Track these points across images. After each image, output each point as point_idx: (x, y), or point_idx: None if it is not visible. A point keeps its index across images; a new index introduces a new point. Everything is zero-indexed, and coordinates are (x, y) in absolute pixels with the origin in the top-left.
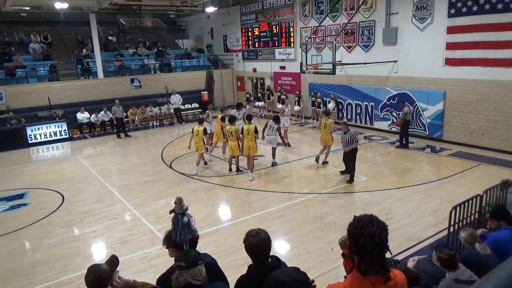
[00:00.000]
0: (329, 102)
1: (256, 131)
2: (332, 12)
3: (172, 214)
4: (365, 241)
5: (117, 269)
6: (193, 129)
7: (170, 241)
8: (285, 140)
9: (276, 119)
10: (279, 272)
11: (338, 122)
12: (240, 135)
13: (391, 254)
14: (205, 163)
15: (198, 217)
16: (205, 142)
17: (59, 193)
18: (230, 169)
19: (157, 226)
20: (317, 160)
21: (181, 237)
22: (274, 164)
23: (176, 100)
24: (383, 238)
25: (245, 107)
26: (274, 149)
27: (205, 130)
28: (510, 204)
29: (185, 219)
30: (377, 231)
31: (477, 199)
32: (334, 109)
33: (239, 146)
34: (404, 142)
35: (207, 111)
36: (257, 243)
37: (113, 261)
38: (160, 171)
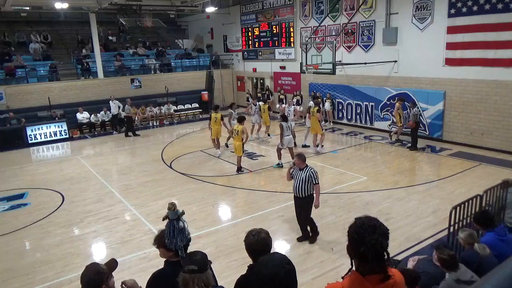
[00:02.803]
0: (325, 102)
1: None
2: (332, 12)
3: (166, 221)
4: (365, 250)
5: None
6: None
7: (161, 241)
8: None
9: (285, 118)
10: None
11: (337, 122)
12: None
13: (389, 258)
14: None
15: (198, 217)
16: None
17: (59, 193)
18: (239, 168)
19: (157, 226)
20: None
21: (177, 243)
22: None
23: (113, 106)
24: (384, 246)
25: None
26: (291, 149)
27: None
28: (510, 204)
29: (181, 224)
30: (378, 239)
31: (477, 199)
32: (330, 109)
33: (242, 146)
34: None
35: (230, 110)
36: (257, 243)
37: (111, 263)
38: (160, 171)
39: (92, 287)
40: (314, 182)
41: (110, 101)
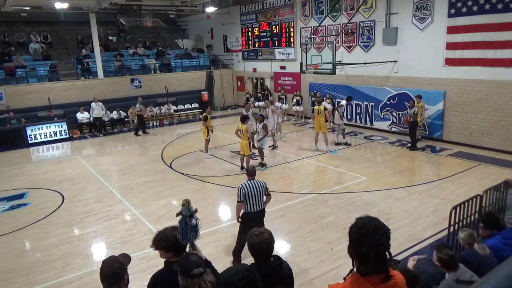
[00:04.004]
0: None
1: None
2: (332, 12)
3: (179, 217)
4: (367, 250)
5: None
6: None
7: (159, 243)
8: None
9: (261, 118)
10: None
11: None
12: (251, 134)
13: (391, 258)
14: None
15: (198, 217)
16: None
17: (59, 193)
18: (242, 167)
19: (157, 226)
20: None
21: (189, 240)
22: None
23: (97, 108)
24: (386, 246)
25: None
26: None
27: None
28: (510, 205)
29: (193, 221)
30: (380, 239)
31: (477, 199)
32: (330, 109)
33: (249, 145)
34: (411, 144)
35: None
36: (260, 243)
37: (126, 257)
38: (160, 171)
39: (116, 278)
40: (238, 199)
41: (93, 103)
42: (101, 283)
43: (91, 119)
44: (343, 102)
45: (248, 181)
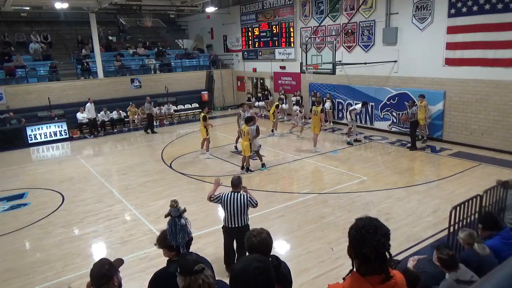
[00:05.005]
0: (325, 102)
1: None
2: (332, 12)
3: (167, 218)
4: (368, 251)
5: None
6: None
7: (162, 241)
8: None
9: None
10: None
11: (337, 122)
12: (252, 136)
13: (391, 258)
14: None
15: (198, 217)
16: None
17: (59, 193)
18: (242, 167)
19: (157, 226)
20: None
21: (179, 240)
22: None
23: (91, 108)
24: (386, 247)
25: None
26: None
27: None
28: (510, 205)
29: (182, 221)
30: (381, 240)
31: (477, 199)
32: (330, 108)
33: (250, 146)
34: (411, 144)
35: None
36: (258, 243)
37: (118, 261)
38: (160, 171)
39: (104, 280)
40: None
41: (88, 104)
42: (91, 285)
43: (89, 119)
44: (357, 106)
45: (230, 193)
